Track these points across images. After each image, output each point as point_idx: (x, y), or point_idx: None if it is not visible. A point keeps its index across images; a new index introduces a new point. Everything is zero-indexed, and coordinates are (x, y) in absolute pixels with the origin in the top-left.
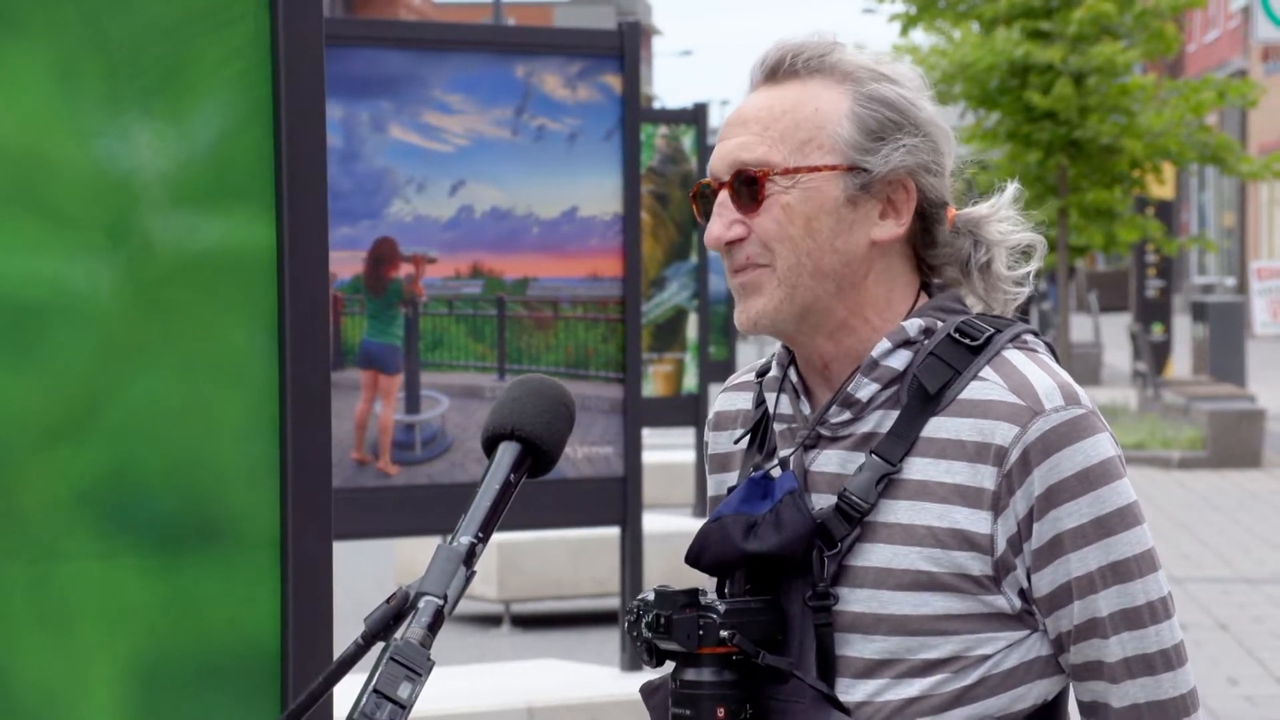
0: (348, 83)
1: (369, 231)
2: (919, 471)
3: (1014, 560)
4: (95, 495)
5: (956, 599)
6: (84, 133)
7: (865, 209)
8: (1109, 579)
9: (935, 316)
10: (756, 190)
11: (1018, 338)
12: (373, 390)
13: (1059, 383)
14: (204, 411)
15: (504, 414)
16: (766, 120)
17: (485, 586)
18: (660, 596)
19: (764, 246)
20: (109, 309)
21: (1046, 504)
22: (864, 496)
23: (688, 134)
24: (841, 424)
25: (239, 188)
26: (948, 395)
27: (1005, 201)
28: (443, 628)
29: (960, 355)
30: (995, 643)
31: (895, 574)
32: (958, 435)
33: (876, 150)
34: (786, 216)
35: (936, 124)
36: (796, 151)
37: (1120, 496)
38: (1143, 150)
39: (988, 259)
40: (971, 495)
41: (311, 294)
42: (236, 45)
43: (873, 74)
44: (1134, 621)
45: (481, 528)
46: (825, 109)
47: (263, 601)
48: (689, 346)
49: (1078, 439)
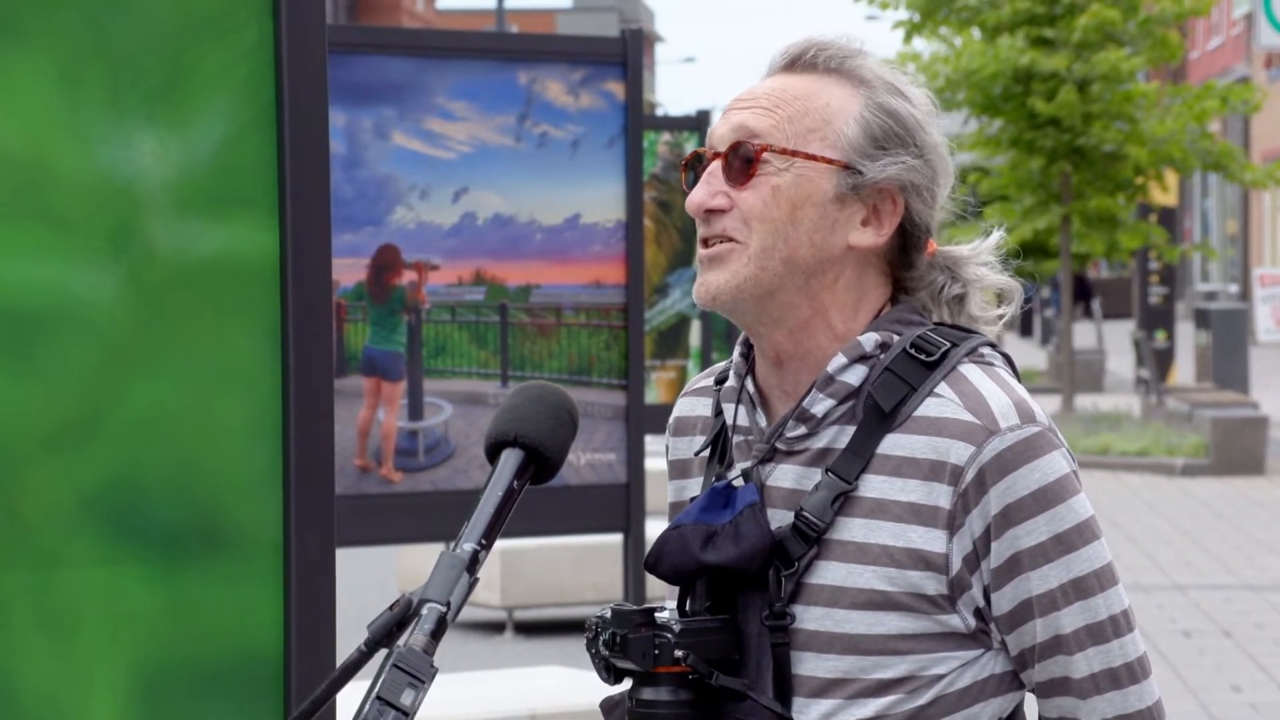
0: (350, 90)
1: (372, 238)
2: (874, 489)
3: (970, 579)
4: (98, 502)
5: (911, 618)
6: (87, 139)
7: (850, 211)
8: (1071, 595)
9: (892, 330)
10: (750, 165)
11: (974, 351)
12: (375, 397)
13: (1014, 400)
14: (207, 418)
15: (507, 421)
16: (777, 100)
17: (488, 593)
18: (617, 615)
19: (743, 222)
20: (112, 315)
21: (1004, 523)
22: (820, 516)
23: (690, 141)
24: (797, 439)
25: (242, 194)
26: (903, 412)
27: (988, 247)
28: (446, 634)
29: (916, 371)
30: (949, 662)
31: (849, 593)
32: (913, 453)
33: (876, 158)
34: (774, 197)
35: (939, 153)
36: (799, 137)
37: (1077, 513)
38: (1146, 157)
39: (962, 293)
40: (927, 514)
41: (314, 301)
42: (239, 52)
43: (889, 86)
44: (1098, 636)
45: (484, 534)
46: (835, 106)
47: (265, 608)
48: (692, 354)
49: (1033, 457)
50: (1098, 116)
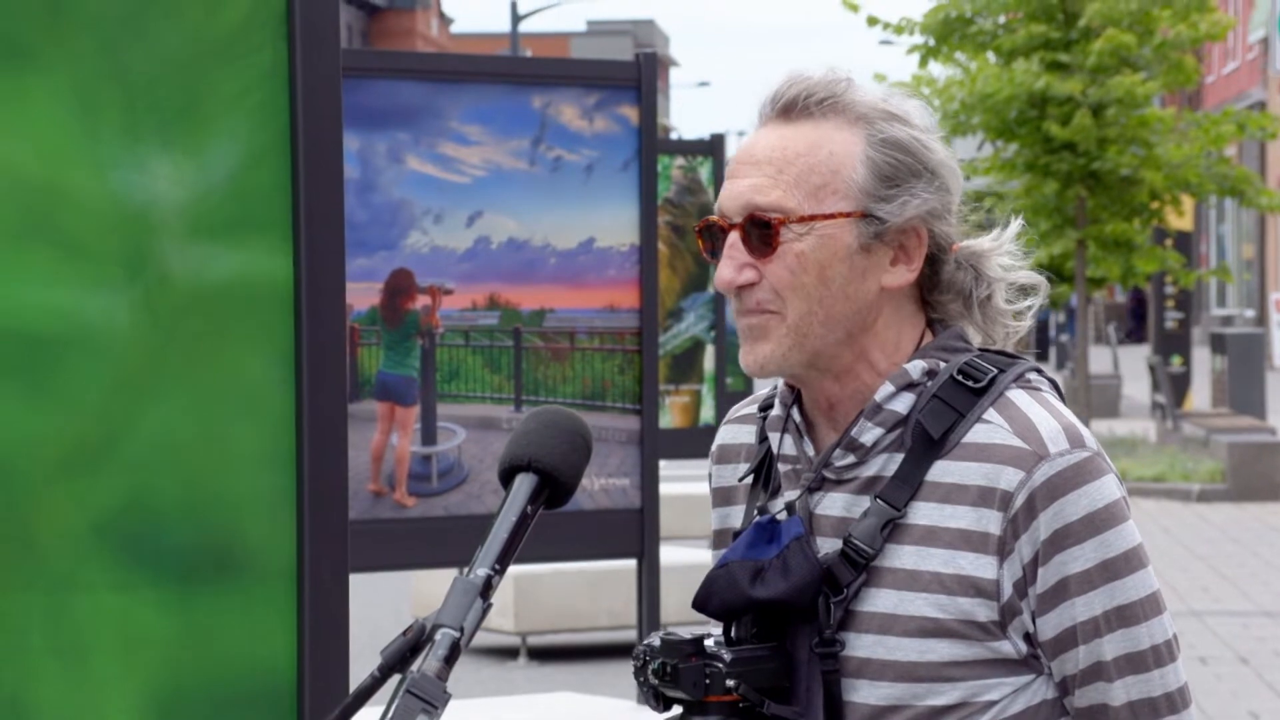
0: (365, 114)
1: (385, 263)
2: (924, 516)
3: (1020, 604)
4: (111, 526)
5: (963, 645)
6: (101, 164)
7: (877, 256)
8: (1114, 623)
9: (938, 357)
10: (770, 236)
11: (1021, 377)
12: (389, 422)
13: (1063, 425)
14: (220, 443)
15: (521, 445)
16: (780, 163)
17: (502, 619)
18: (666, 644)
19: (775, 293)
20: (125, 340)
21: (1052, 548)
22: (869, 542)
23: (704, 165)
24: (846, 467)
25: (256, 219)
26: (951, 439)
27: (1008, 236)
28: (459, 660)
29: (963, 397)
30: (1001, 688)
31: (901, 620)
32: (962, 480)
33: (892, 199)
34: (800, 265)
35: (947, 165)
36: (811, 197)
37: (1125, 540)
38: (1162, 182)
39: (988, 293)
40: (977, 540)
41: (328, 326)
42: (254, 77)
43: (885, 114)
44: (1138, 665)
45: (498, 560)
46: (840, 153)
47: (279, 633)
48: (706, 378)
49: (1083, 482)
50: (1113, 141)
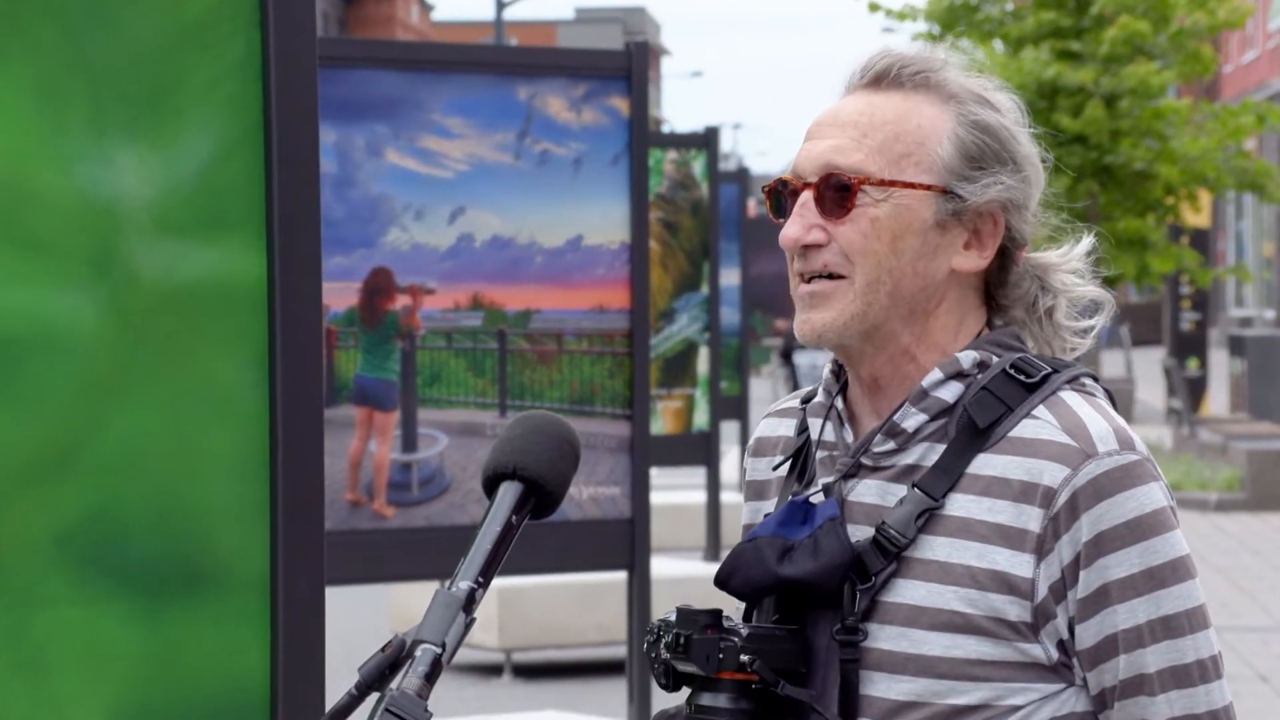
0: (342, 105)
1: (364, 261)
2: (961, 508)
3: (1055, 608)
4: (75, 538)
5: (990, 644)
6: (66, 159)
7: (952, 235)
8: (1158, 633)
9: (991, 351)
10: (847, 198)
11: (1075, 380)
12: (367, 428)
13: (1114, 427)
14: (191, 450)
15: (505, 452)
16: (866, 126)
17: (485, 634)
18: (682, 616)
19: (845, 257)
20: (92, 342)
21: (1095, 551)
22: (903, 530)
23: (698, 159)
24: (884, 454)
25: (228, 216)
26: (997, 432)
27: (1078, 252)
28: (441, 677)
29: (1014, 392)
30: (1028, 693)
31: (929, 613)
32: (1004, 473)
33: (975, 179)
34: (874, 230)
35: (1033, 162)
36: (894, 164)
37: (1173, 548)
38: (1177, 176)
39: (1052, 305)
40: (1014, 536)
41: (304, 327)
42: (226, 66)
43: (977, 98)
44: (1183, 680)
45: (482, 572)
46: (927, 126)
47: (251, 650)
48: (700, 382)
49: (1130, 485)
50: (1126, 133)
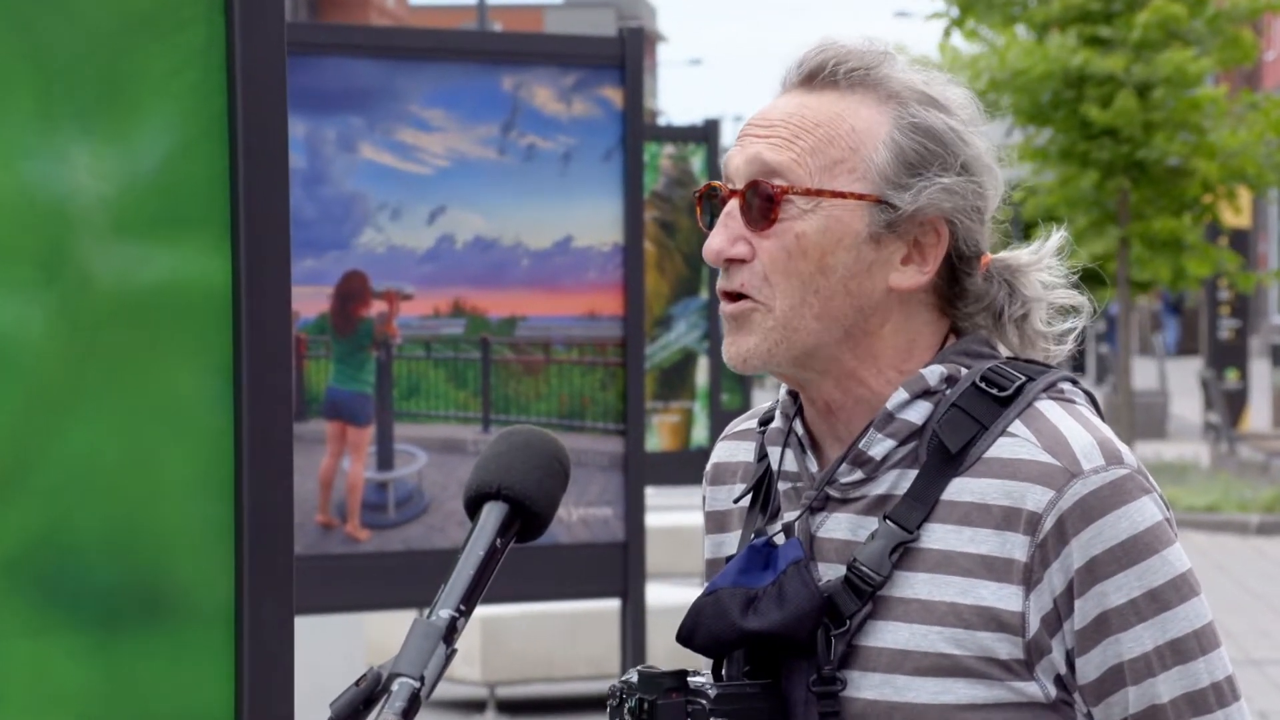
0: (313, 96)
1: (336, 264)
2: (940, 540)
3: (1050, 642)
4: (23, 563)
5: (982, 686)
6: (12, 154)
7: (888, 250)
8: (1168, 660)
9: (959, 362)
10: (771, 208)
11: (1052, 386)
12: (340, 444)
13: (1098, 439)
14: (148, 469)
15: (489, 471)
16: (796, 129)
17: (467, 667)
18: (644, 679)
19: (764, 279)
20: (40, 352)
21: (1089, 578)
22: (876, 568)
23: (697, 154)
24: (852, 484)
25: (189, 215)
26: (972, 453)
27: (1049, 250)
28: (419, 714)
29: (987, 407)
30: None
31: (912, 657)
32: (983, 499)
33: (910, 186)
34: (799, 246)
35: (984, 163)
36: (824, 171)
37: (1173, 566)
38: (1216, 173)
39: (1024, 312)
40: (999, 568)
41: (271, 335)
42: (187, 54)
43: (921, 97)
44: (1200, 707)
45: (463, 600)
46: (863, 129)
47: (214, 684)
48: (698, 394)
49: (1121, 503)
50: (1160, 126)
